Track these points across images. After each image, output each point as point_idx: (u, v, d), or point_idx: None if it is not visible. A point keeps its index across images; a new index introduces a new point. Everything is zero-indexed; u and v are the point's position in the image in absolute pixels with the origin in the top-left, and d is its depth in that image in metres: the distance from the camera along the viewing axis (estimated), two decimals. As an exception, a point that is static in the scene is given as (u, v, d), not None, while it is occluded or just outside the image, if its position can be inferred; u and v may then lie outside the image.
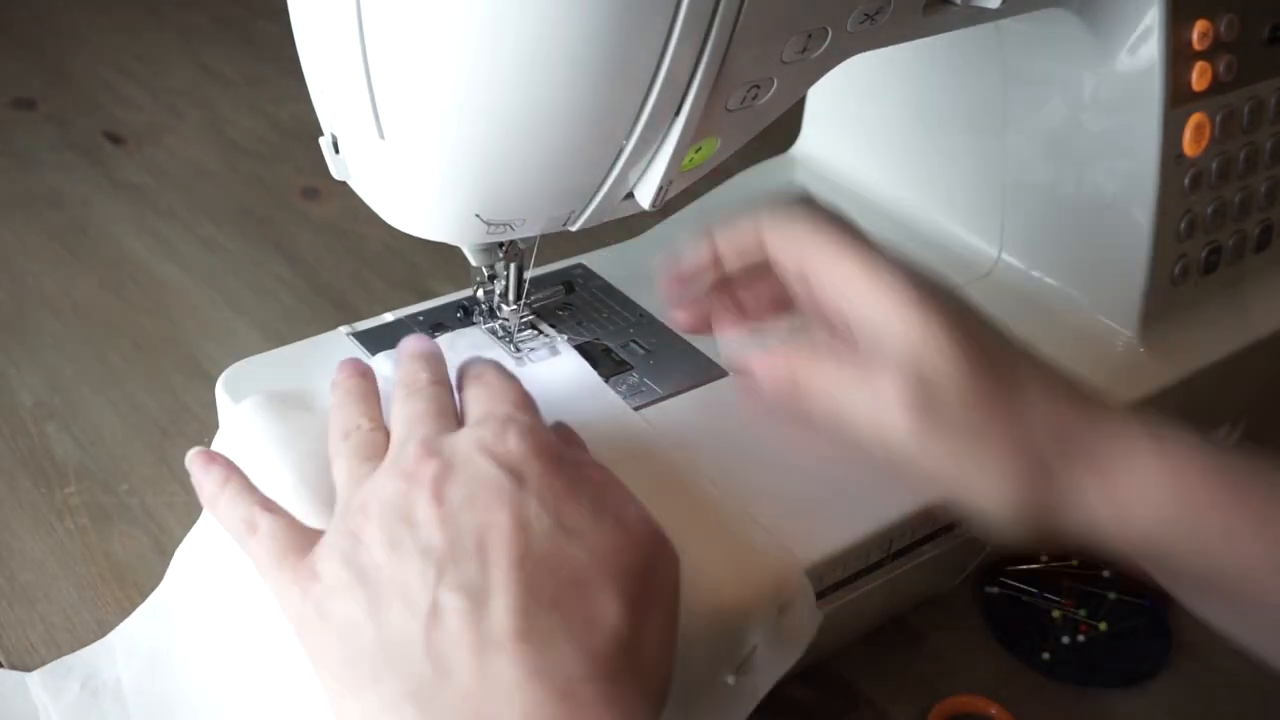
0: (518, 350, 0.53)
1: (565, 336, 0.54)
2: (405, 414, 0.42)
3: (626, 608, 0.37)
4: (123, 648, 0.48)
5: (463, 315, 0.54)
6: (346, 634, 0.37)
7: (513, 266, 0.51)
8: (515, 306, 0.53)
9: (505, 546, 0.37)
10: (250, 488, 0.43)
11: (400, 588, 0.36)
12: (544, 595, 0.36)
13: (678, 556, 0.40)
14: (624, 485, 0.42)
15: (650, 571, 0.39)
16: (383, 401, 0.44)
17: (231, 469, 0.43)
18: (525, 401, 0.43)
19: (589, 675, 0.35)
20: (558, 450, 0.41)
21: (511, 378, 0.44)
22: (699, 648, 0.42)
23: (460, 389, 0.44)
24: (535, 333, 0.54)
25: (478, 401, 0.42)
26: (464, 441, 0.40)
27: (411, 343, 0.46)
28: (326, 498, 0.43)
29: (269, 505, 0.42)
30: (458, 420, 0.43)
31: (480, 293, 0.53)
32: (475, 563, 0.36)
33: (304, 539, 0.40)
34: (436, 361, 0.45)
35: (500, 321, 0.53)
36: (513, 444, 0.39)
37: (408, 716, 0.35)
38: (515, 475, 0.39)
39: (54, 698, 0.47)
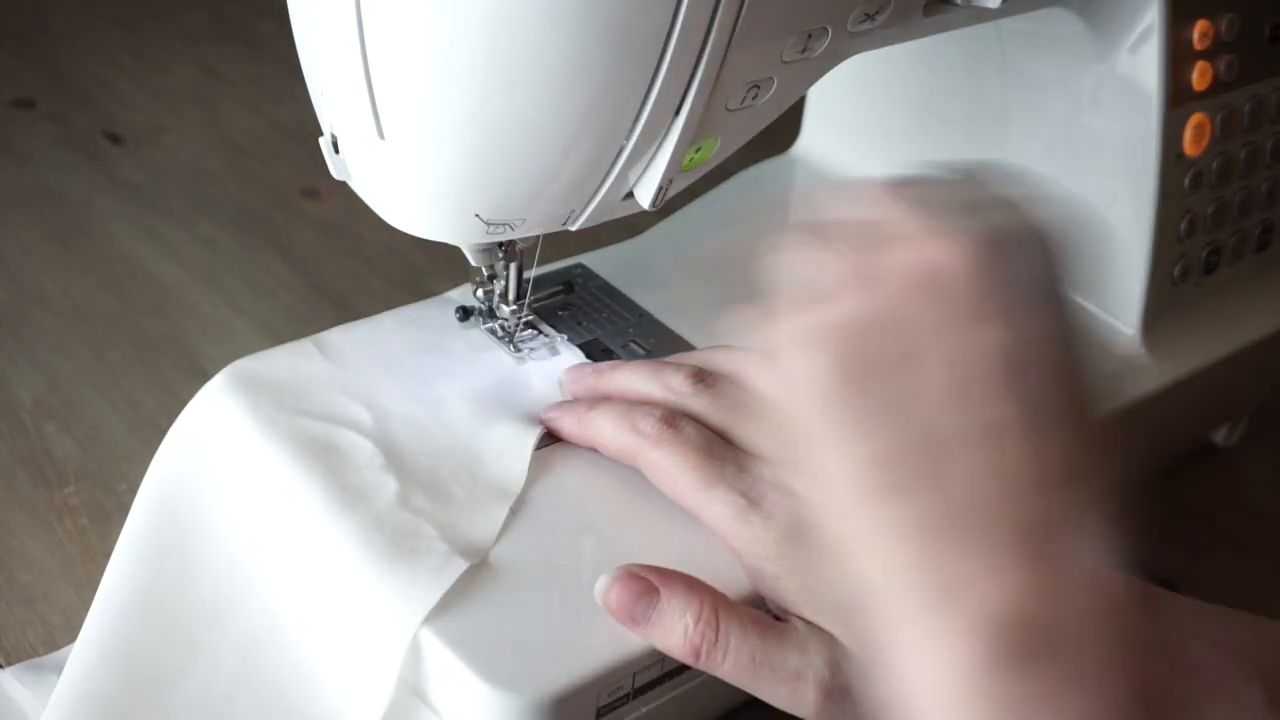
0: (518, 350, 0.53)
1: (565, 336, 0.54)
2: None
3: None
4: None
5: (462, 316, 0.54)
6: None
7: (513, 266, 0.51)
8: (515, 306, 0.53)
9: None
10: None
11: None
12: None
13: None
14: None
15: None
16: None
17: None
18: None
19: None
20: None
21: None
22: None
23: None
24: (535, 333, 0.54)
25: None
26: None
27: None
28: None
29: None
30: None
31: (480, 293, 0.53)
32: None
33: None
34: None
35: (500, 321, 0.53)
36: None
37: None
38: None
39: (34, 689, 0.47)
